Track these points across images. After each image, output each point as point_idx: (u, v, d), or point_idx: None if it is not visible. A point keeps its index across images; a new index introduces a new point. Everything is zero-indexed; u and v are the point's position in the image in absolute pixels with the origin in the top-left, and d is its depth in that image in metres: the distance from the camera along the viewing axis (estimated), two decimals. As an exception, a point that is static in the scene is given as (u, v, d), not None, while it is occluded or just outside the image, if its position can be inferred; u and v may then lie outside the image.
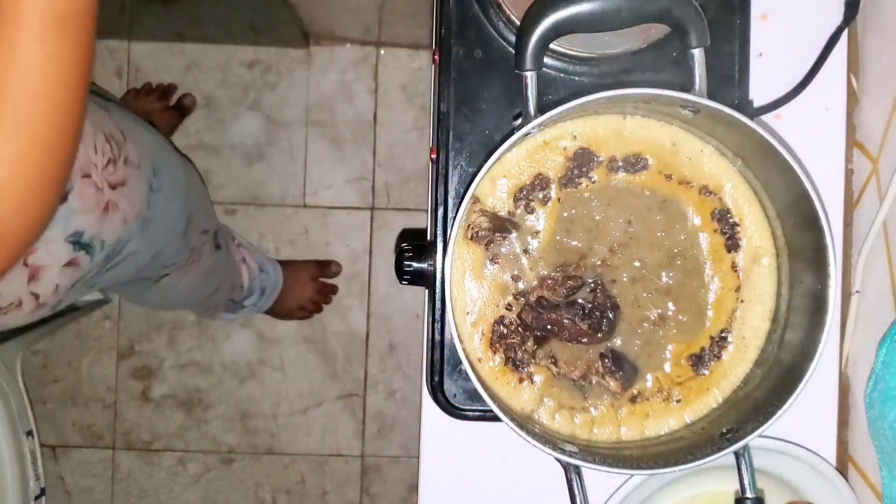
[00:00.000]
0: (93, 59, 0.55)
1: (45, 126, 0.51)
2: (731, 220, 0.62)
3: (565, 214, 0.61)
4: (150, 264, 0.93)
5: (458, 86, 0.66)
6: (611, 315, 0.61)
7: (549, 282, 0.61)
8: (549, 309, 0.61)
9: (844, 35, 0.70)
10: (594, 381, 0.61)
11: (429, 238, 0.67)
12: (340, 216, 1.62)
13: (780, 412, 0.55)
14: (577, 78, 0.66)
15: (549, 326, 0.61)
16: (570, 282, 0.61)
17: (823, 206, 0.54)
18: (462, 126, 0.66)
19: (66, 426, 1.63)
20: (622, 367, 0.61)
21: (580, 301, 0.61)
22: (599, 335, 0.61)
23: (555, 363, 0.61)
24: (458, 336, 0.57)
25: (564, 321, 0.60)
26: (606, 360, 0.61)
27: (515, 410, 0.61)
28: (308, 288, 1.55)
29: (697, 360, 0.62)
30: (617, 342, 0.62)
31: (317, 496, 1.64)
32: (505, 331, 0.61)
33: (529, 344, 0.61)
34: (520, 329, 0.61)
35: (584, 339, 0.61)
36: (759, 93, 0.69)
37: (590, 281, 0.61)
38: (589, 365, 0.61)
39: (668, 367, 0.62)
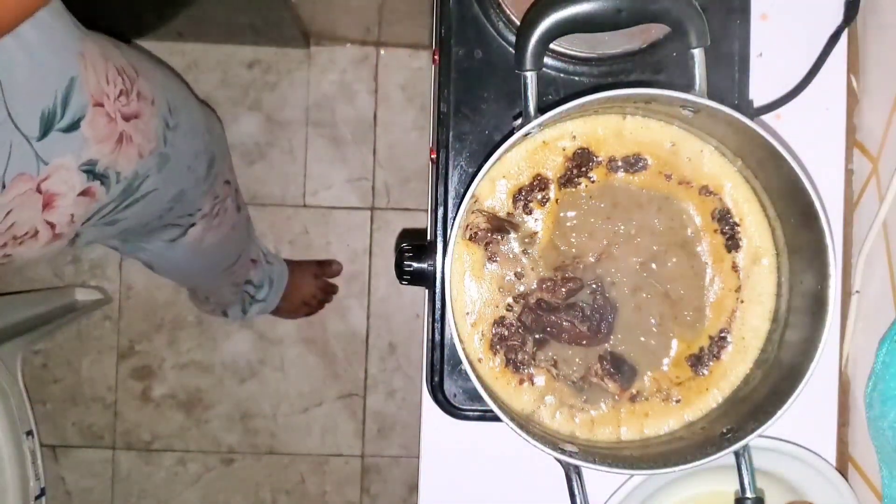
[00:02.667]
0: None
1: None
2: (731, 220, 0.62)
3: (564, 215, 0.61)
4: (173, 206, 0.92)
5: (458, 86, 0.66)
6: (610, 317, 0.61)
7: (548, 284, 0.61)
8: (549, 311, 0.61)
9: (844, 35, 0.70)
10: (593, 382, 0.61)
11: (429, 238, 0.67)
12: (340, 216, 1.62)
13: (780, 412, 0.55)
14: (577, 78, 0.66)
15: (548, 329, 0.61)
16: (569, 284, 0.61)
17: (823, 207, 0.54)
18: (462, 126, 0.66)
19: (66, 426, 1.63)
20: (621, 369, 0.61)
21: (579, 303, 0.61)
22: (599, 337, 0.61)
23: (555, 365, 0.61)
24: (458, 336, 0.57)
25: (564, 324, 0.60)
26: (605, 363, 0.61)
27: (515, 411, 0.61)
28: (311, 285, 1.56)
29: (697, 361, 0.62)
30: (616, 344, 0.62)
31: (317, 496, 1.64)
32: (505, 332, 0.61)
33: (529, 346, 0.61)
34: (520, 331, 0.61)
35: (584, 342, 0.61)
36: (759, 93, 0.69)
37: (589, 283, 0.61)
38: (588, 367, 0.61)
39: (667, 367, 0.62)
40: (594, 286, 0.61)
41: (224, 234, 1.12)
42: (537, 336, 0.61)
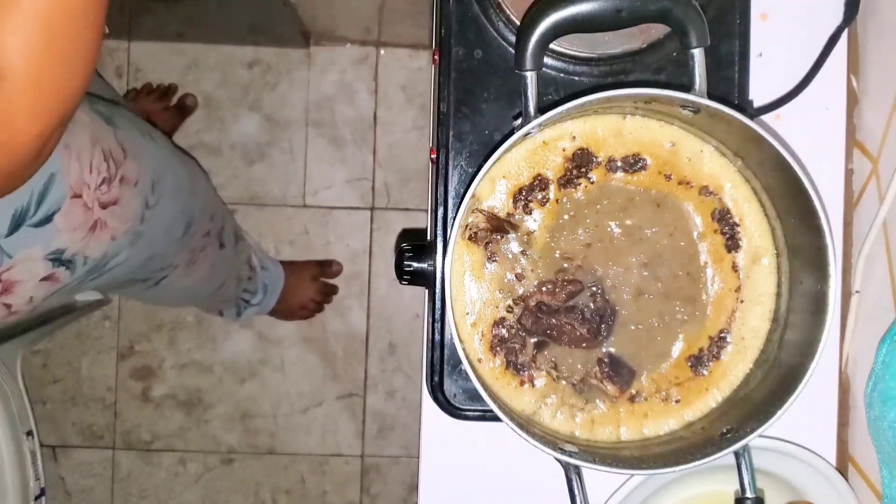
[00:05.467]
0: None
1: (64, 24, 0.49)
2: (731, 221, 0.62)
3: (564, 215, 0.61)
4: (143, 268, 0.92)
5: (458, 86, 0.66)
6: (610, 320, 0.61)
7: (548, 287, 0.61)
8: (549, 314, 0.60)
9: (844, 35, 0.70)
10: (593, 384, 0.61)
11: (429, 238, 0.67)
12: (340, 216, 1.62)
13: (780, 412, 0.55)
14: (577, 78, 0.66)
15: (548, 331, 0.61)
16: (569, 287, 0.61)
17: (823, 206, 0.54)
18: (462, 126, 0.66)
19: (66, 426, 1.63)
20: (620, 371, 0.61)
21: (579, 305, 0.61)
22: (598, 339, 0.61)
23: (555, 367, 0.61)
24: (458, 336, 0.57)
25: (564, 326, 0.60)
26: (604, 365, 0.61)
27: (516, 411, 0.61)
28: (309, 288, 1.55)
29: (696, 361, 0.62)
30: (615, 346, 0.62)
31: (317, 496, 1.64)
32: (505, 334, 0.61)
33: (529, 348, 0.61)
34: (520, 333, 0.61)
35: (584, 344, 0.61)
36: (759, 93, 0.69)
37: (589, 285, 0.61)
38: (588, 369, 0.61)
39: (667, 368, 0.62)
40: (594, 288, 0.61)
41: (202, 275, 1.12)
42: (537, 339, 0.61)
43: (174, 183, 0.92)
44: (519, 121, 0.56)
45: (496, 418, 0.55)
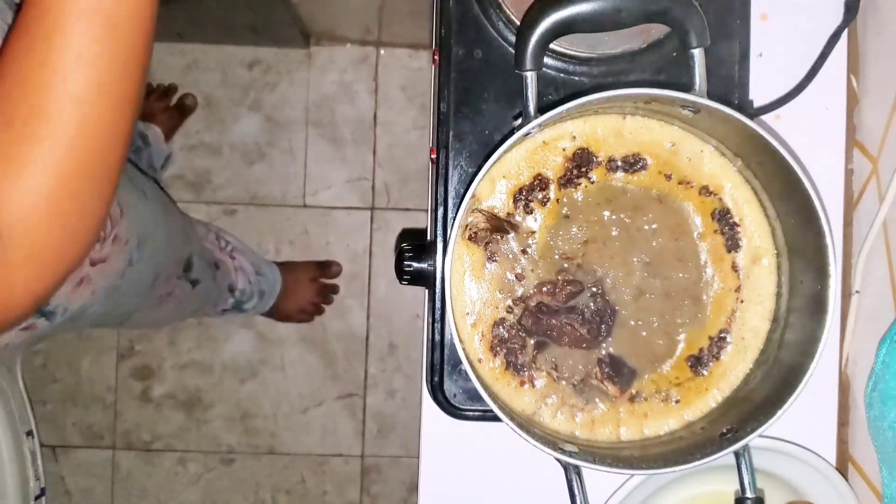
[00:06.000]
0: (138, 106, 0.49)
1: (74, 193, 0.46)
2: (731, 221, 0.62)
3: (564, 215, 0.61)
4: (110, 314, 0.91)
5: (458, 86, 0.66)
6: (610, 320, 0.61)
7: (548, 287, 0.61)
8: (549, 315, 0.60)
9: (844, 35, 0.70)
10: (593, 385, 0.61)
11: (429, 238, 0.67)
12: (340, 216, 1.62)
13: (780, 412, 0.55)
14: (577, 78, 0.66)
15: (548, 332, 0.61)
16: (569, 287, 0.61)
17: (823, 206, 0.54)
18: (462, 126, 0.66)
19: (66, 426, 1.63)
20: (620, 371, 0.61)
21: (579, 306, 0.61)
22: (598, 339, 0.61)
23: (555, 368, 0.61)
24: (458, 336, 0.57)
25: (564, 327, 0.60)
26: (604, 366, 0.61)
27: (516, 411, 0.61)
28: (308, 290, 1.55)
29: (696, 361, 0.62)
30: (616, 345, 0.62)
31: (317, 496, 1.64)
32: (505, 335, 0.61)
33: (530, 349, 0.61)
34: (520, 334, 0.61)
35: (584, 345, 0.61)
36: (759, 93, 0.69)
37: (589, 285, 0.61)
38: (588, 370, 0.61)
39: (666, 368, 0.62)
40: (594, 289, 0.61)
41: (172, 308, 1.11)
42: (537, 339, 0.61)
43: (157, 242, 0.92)
44: (519, 121, 0.56)
45: (496, 418, 0.55)
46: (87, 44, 0.45)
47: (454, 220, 0.57)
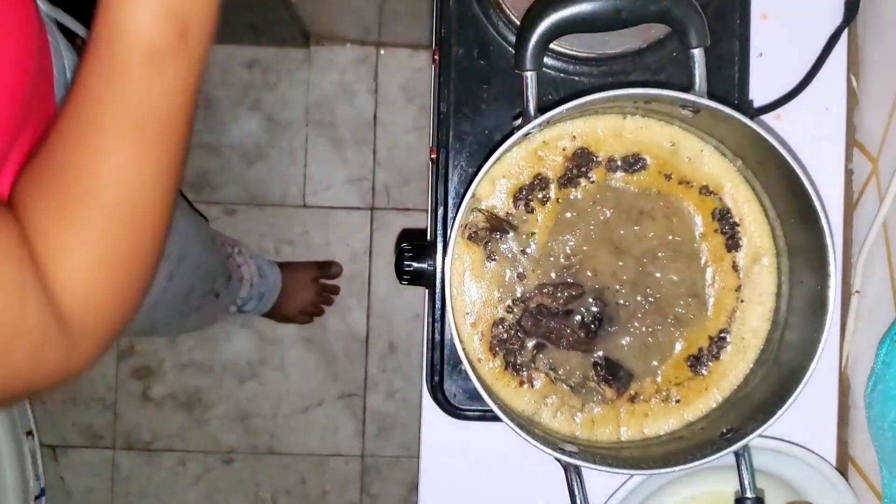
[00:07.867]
0: (182, 171, 0.51)
1: (135, 239, 0.48)
2: (731, 220, 0.62)
3: (564, 215, 0.61)
4: (139, 326, 0.92)
5: (458, 86, 0.66)
6: (609, 322, 0.61)
7: (548, 289, 0.61)
8: (549, 317, 0.60)
9: (844, 35, 0.70)
10: (591, 387, 0.61)
11: (429, 238, 0.67)
12: (340, 216, 1.62)
13: (780, 412, 0.55)
14: (577, 78, 0.66)
15: (547, 334, 0.61)
16: (569, 290, 0.61)
17: (823, 206, 0.54)
18: (462, 126, 0.66)
19: (66, 426, 1.63)
20: (616, 374, 0.61)
21: (579, 308, 0.61)
22: (597, 342, 0.61)
23: (554, 370, 0.61)
24: (458, 336, 0.57)
25: (563, 330, 0.60)
26: (600, 369, 0.61)
27: (516, 411, 0.61)
28: (308, 291, 1.54)
29: (696, 361, 0.62)
30: (614, 347, 0.62)
31: (317, 496, 1.64)
32: (505, 335, 0.61)
33: (529, 350, 0.61)
34: (519, 335, 0.61)
35: (582, 347, 0.61)
36: (759, 93, 0.69)
37: (589, 286, 0.61)
38: (586, 372, 0.61)
39: (666, 368, 0.62)
40: (593, 289, 0.61)
41: (191, 323, 1.13)
42: (536, 341, 0.61)
43: (194, 256, 0.94)
44: (519, 121, 0.56)
45: (496, 418, 0.55)
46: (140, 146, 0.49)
47: (454, 219, 0.57)
